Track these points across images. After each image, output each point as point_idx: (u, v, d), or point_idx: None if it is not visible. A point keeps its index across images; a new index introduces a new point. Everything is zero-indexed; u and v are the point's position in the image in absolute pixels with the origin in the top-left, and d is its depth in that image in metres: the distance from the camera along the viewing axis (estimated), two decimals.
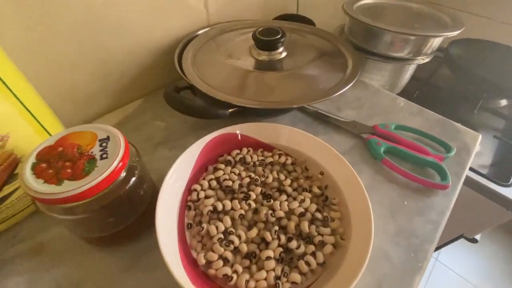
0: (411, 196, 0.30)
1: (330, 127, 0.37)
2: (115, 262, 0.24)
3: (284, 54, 0.36)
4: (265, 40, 0.34)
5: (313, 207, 0.25)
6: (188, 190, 0.26)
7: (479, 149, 0.56)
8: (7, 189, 0.24)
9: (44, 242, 0.25)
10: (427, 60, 0.49)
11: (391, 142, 0.34)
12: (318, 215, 0.24)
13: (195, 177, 0.27)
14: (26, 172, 0.19)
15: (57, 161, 0.19)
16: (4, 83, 0.21)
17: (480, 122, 0.58)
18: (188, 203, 0.26)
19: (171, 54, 0.37)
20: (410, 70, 0.53)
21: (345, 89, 0.32)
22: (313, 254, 0.22)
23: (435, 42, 0.47)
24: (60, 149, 0.20)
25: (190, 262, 0.22)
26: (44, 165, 0.19)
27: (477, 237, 0.60)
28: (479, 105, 0.58)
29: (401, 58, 0.48)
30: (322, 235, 0.23)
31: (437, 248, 0.76)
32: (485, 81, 0.58)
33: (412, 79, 0.58)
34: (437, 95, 0.64)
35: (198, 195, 0.26)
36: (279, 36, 0.34)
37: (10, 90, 0.22)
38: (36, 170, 0.19)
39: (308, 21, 0.45)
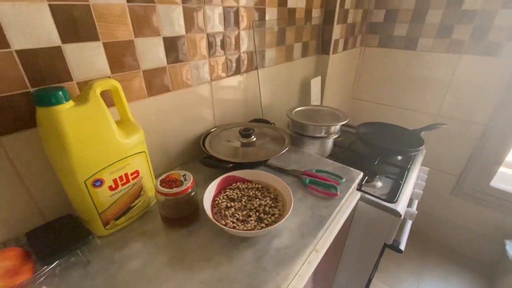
0: (319, 201, 0.62)
1: (283, 173, 0.71)
2: (180, 233, 0.52)
3: (254, 138, 0.73)
4: (244, 133, 0.72)
5: (270, 201, 0.56)
6: (213, 200, 0.57)
7: (380, 185, 0.90)
8: (136, 203, 0.53)
9: (146, 230, 0.53)
10: (335, 136, 0.88)
11: (313, 177, 0.68)
12: (272, 205, 0.55)
13: (216, 195, 0.58)
14: (158, 185, 0.50)
15: (168, 182, 0.51)
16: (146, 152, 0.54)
17: (379, 170, 0.94)
18: (215, 203, 0.56)
19: (199, 140, 0.73)
20: (329, 142, 0.92)
21: (281, 152, 0.67)
22: (270, 218, 0.52)
23: (337, 127, 0.87)
24: (168, 179, 0.52)
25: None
26: (163, 183, 0.51)
27: (401, 247, 0.87)
28: (378, 160, 0.96)
29: (321, 136, 0.88)
30: (274, 212, 0.54)
31: (375, 266, 0.99)
32: (382, 147, 0.98)
33: (339, 146, 0.98)
34: (354, 155, 1.02)
35: (218, 201, 0.56)
36: (252, 131, 0.72)
37: (146, 153, 0.55)
38: (161, 185, 0.50)
39: (267, 122, 0.85)
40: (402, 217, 0.79)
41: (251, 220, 0.52)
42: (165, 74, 0.63)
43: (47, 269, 0.42)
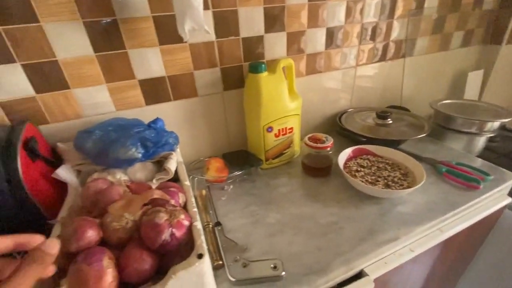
0: (454, 189, 0.61)
1: (415, 158, 0.73)
2: (315, 180, 0.67)
3: (390, 121, 0.78)
4: (381, 115, 0.78)
5: (399, 175, 0.62)
6: (345, 163, 0.68)
7: None
8: (287, 151, 0.73)
9: (290, 172, 0.72)
10: (489, 135, 0.78)
11: (451, 167, 0.66)
12: (402, 178, 0.61)
13: (348, 160, 0.69)
14: (306, 139, 0.66)
15: (313, 139, 0.66)
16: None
17: None
18: (346, 165, 0.67)
19: (334, 117, 0.85)
20: (480, 141, 0.82)
21: (418, 136, 0.69)
22: (401, 185, 0.59)
23: (494, 125, 0.77)
24: (313, 137, 0.67)
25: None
26: (310, 140, 0.66)
27: None
28: None
29: (470, 132, 0.80)
30: (402, 183, 0.59)
31: None
32: None
33: (492, 151, 0.85)
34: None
35: (350, 165, 0.67)
36: (389, 113, 0.77)
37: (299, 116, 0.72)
38: (309, 140, 0.66)
39: (406, 109, 0.86)
40: None
41: (379, 184, 0.60)
42: (321, 58, 0.78)
43: (235, 174, 0.67)
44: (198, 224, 0.40)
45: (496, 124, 0.77)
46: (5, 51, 0.48)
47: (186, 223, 0.39)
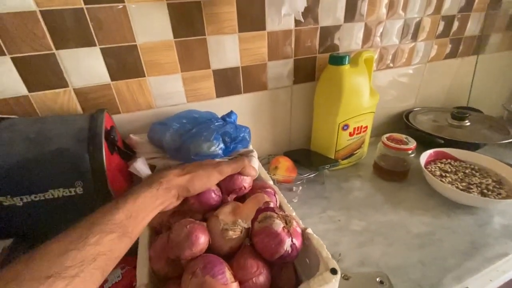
0: None
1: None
2: (391, 184, 0.62)
3: (468, 123, 0.71)
4: (457, 115, 0.71)
5: (492, 182, 0.56)
6: (425, 167, 0.63)
7: None
8: (357, 152, 0.67)
9: (360, 174, 0.67)
10: None
11: None
12: (497, 186, 0.55)
13: (426, 164, 0.64)
14: (385, 139, 0.61)
15: (392, 140, 0.61)
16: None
17: None
18: (427, 170, 0.62)
19: (399, 116, 0.80)
20: None
21: (504, 141, 0.63)
22: (499, 194, 0.53)
23: None
24: (392, 138, 0.62)
25: None
26: (389, 140, 0.61)
27: None
28: None
29: None
30: (500, 192, 0.53)
31: None
32: None
33: None
34: None
35: (431, 169, 0.61)
36: (467, 115, 0.71)
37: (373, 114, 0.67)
38: (388, 140, 0.61)
39: (478, 111, 0.80)
40: None
41: (473, 192, 0.54)
42: (394, 52, 0.72)
43: (306, 176, 0.62)
44: (311, 231, 0.36)
45: None
46: (87, 33, 0.44)
47: (299, 230, 0.35)
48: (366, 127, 0.65)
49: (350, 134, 0.63)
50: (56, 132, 0.41)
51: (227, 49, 0.55)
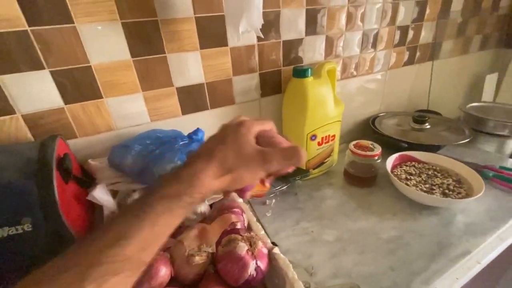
0: (506, 195, 0.59)
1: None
2: (361, 191, 0.63)
3: (428, 126, 0.75)
4: (418, 119, 0.75)
5: (453, 182, 0.59)
6: (391, 171, 0.65)
7: None
8: (327, 161, 0.69)
9: (331, 182, 0.68)
10: None
11: (497, 172, 0.65)
12: (457, 185, 0.58)
13: (392, 168, 0.66)
14: (352, 146, 0.62)
15: (359, 147, 0.63)
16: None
17: None
18: (394, 174, 0.64)
19: (365, 122, 0.83)
20: (511, 144, 0.81)
21: (462, 142, 0.67)
22: (459, 193, 0.56)
23: None
24: (358, 144, 0.64)
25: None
26: (356, 147, 0.63)
27: None
28: None
29: (502, 135, 0.79)
30: (460, 191, 0.56)
31: None
32: None
33: None
34: None
35: (397, 173, 0.64)
36: (427, 118, 0.75)
37: (340, 122, 0.69)
38: (355, 147, 0.62)
39: (437, 113, 0.85)
40: None
41: (436, 193, 0.57)
42: (356, 62, 0.75)
43: (279, 188, 0.62)
44: (277, 251, 0.35)
45: None
46: (34, 56, 0.41)
47: (265, 251, 0.34)
48: (334, 135, 0.66)
49: (319, 144, 0.64)
50: (0, 164, 0.37)
51: (190, 66, 0.54)
